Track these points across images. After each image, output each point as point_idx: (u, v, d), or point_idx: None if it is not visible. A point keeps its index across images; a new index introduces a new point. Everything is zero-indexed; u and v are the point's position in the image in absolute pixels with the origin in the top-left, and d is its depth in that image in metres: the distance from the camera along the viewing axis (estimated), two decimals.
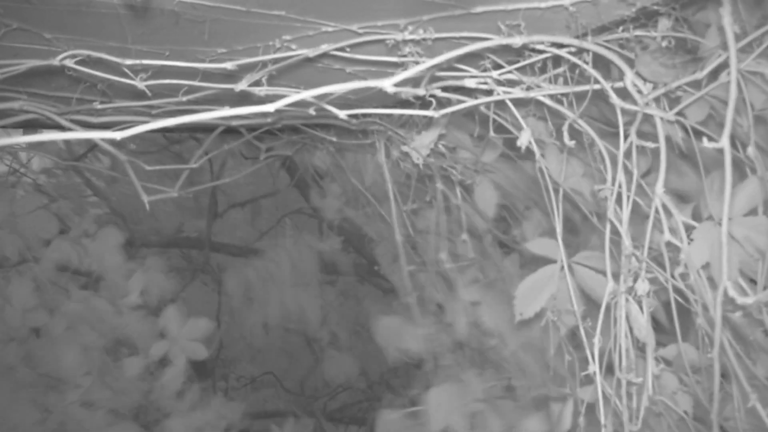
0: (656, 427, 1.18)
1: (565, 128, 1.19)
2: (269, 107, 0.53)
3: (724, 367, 1.05)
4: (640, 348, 1.14)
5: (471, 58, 1.25)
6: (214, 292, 3.91)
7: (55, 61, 0.95)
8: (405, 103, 1.54)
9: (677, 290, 1.11)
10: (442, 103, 1.29)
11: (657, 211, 1.07)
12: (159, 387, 2.31)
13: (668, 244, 1.08)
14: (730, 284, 0.92)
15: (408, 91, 0.59)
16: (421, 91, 0.75)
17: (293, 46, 1.18)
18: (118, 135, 0.54)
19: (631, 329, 1.12)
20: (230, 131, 1.57)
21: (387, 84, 0.55)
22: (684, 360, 1.16)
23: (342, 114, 0.92)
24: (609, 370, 1.17)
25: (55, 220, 2.36)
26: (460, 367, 1.71)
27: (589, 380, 1.20)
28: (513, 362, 1.61)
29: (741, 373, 1.02)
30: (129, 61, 1.01)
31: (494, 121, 1.40)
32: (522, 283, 1.29)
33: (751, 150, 1.00)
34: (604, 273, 1.16)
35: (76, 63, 1.03)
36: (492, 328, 1.66)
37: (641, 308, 1.11)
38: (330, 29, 1.15)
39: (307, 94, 0.55)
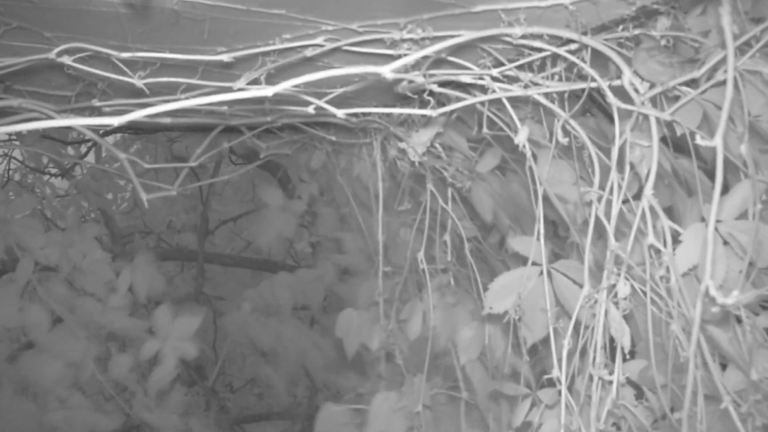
0: None
1: (558, 127, 1.19)
2: (268, 90, 0.53)
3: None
4: (607, 356, 1.14)
5: (471, 56, 1.25)
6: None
7: (51, 54, 0.95)
8: (404, 102, 1.54)
9: (654, 298, 1.10)
10: (441, 102, 1.29)
11: (644, 214, 1.06)
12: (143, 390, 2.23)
13: (651, 247, 1.06)
14: (712, 283, 0.91)
15: (407, 77, 0.59)
16: (420, 78, 0.75)
17: (292, 45, 1.18)
18: (115, 121, 0.54)
19: (604, 329, 1.11)
20: (230, 130, 1.57)
21: (385, 70, 0.56)
22: (650, 374, 1.14)
23: (340, 113, 0.92)
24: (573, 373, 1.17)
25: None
26: (410, 371, 1.69)
27: (550, 383, 1.18)
28: (461, 370, 1.60)
29: (715, 375, 1.01)
30: (125, 54, 1.01)
31: (492, 123, 1.40)
32: (498, 278, 1.28)
33: (743, 148, 1.00)
34: (580, 281, 1.16)
35: (75, 61, 1.03)
36: (444, 334, 1.64)
37: (617, 309, 1.11)
38: (330, 28, 1.16)
39: (304, 79, 0.55)
